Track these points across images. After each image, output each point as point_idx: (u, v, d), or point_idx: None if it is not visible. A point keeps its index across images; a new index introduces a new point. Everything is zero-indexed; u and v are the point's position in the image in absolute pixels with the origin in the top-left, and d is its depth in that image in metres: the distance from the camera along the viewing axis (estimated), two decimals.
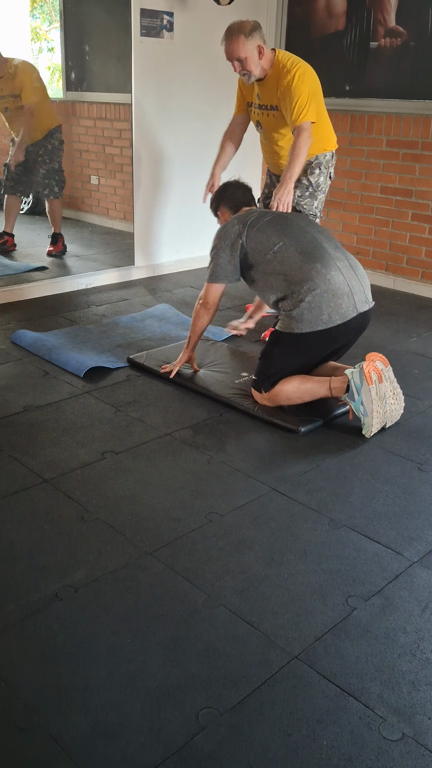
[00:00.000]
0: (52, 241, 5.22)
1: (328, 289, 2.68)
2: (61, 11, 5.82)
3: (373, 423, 2.63)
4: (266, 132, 3.60)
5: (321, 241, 2.85)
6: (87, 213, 6.38)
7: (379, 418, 2.65)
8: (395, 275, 4.81)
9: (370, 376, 2.60)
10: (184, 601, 1.83)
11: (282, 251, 2.79)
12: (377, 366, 2.66)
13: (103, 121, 5.99)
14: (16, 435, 2.66)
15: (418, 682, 1.61)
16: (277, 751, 1.43)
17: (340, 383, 2.71)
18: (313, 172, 3.62)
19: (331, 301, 2.68)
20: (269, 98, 3.46)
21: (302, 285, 2.70)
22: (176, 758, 1.41)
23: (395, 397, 2.72)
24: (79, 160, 6.27)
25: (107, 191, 6.19)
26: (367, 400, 2.61)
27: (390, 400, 2.69)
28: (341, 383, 2.71)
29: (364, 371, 2.60)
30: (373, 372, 2.62)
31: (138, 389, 3.08)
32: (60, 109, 5.79)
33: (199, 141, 4.93)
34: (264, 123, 3.58)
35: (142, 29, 4.39)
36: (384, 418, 2.68)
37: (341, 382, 2.71)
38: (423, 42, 4.33)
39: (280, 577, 1.93)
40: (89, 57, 5.45)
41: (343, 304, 2.70)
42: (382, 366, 2.68)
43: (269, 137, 3.61)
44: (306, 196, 3.65)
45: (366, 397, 2.61)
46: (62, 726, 1.47)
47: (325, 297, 2.68)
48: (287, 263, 2.77)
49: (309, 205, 3.69)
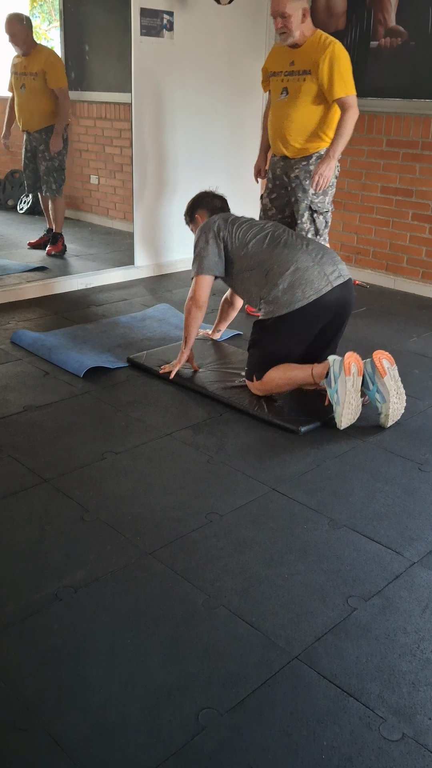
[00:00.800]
0: (52, 241, 5.20)
1: (297, 268, 2.80)
2: (61, 10, 5.82)
3: (343, 413, 2.68)
4: (290, 100, 3.59)
5: (290, 233, 2.99)
6: (87, 213, 6.38)
7: (350, 409, 2.69)
8: (395, 275, 4.81)
9: (349, 367, 2.65)
10: (184, 601, 1.83)
11: (254, 246, 2.93)
12: (383, 364, 2.70)
13: (103, 120, 5.99)
14: (15, 435, 2.66)
15: (419, 682, 1.61)
16: (277, 751, 1.43)
17: (321, 369, 2.76)
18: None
19: (303, 279, 2.78)
20: (304, 63, 3.50)
21: (273, 270, 2.83)
22: (176, 758, 1.41)
23: (398, 397, 2.74)
24: (79, 160, 6.27)
25: (107, 191, 6.19)
26: (342, 390, 2.66)
27: (394, 399, 2.71)
28: (322, 369, 2.76)
29: (344, 362, 2.65)
30: (354, 364, 2.66)
31: (138, 389, 3.08)
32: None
33: (199, 140, 4.93)
34: (292, 89, 3.57)
35: (142, 29, 4.39)
36: (355, 412, 2.72)
37: (323, 368, 2.76)
38: (423, 42, 4.33)
39: (280, 577, 1.93)
40: (89, 56, 5.45)
41: (314, 279, 2.78)
42: (388, 364, 2.72)
43: (290, 106, 3.59)
44: (319, 194, 3.67)
45: (341, 387, 2.66)
46: (62, 726, 1.47)
47: (296, 276, 2.78)
48: (259, 254, 2.91)
49: (322, 203, 3.72)
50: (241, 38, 4.94)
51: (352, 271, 5.00)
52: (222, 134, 5.06)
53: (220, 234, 3.01)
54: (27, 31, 4.82)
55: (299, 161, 3.66)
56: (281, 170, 3.77)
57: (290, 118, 3.59)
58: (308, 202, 3.68)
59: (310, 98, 3.53)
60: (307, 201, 3.68)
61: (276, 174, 3.81)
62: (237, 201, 5.20)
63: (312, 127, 3.59)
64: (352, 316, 4.16)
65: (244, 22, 4.92)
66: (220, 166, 5.09)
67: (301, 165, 3.66)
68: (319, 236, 3.79)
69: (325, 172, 3.47)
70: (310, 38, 3.50)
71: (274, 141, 3.75)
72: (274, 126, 3.70)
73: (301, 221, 3.73)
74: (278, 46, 3.68)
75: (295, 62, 3.54)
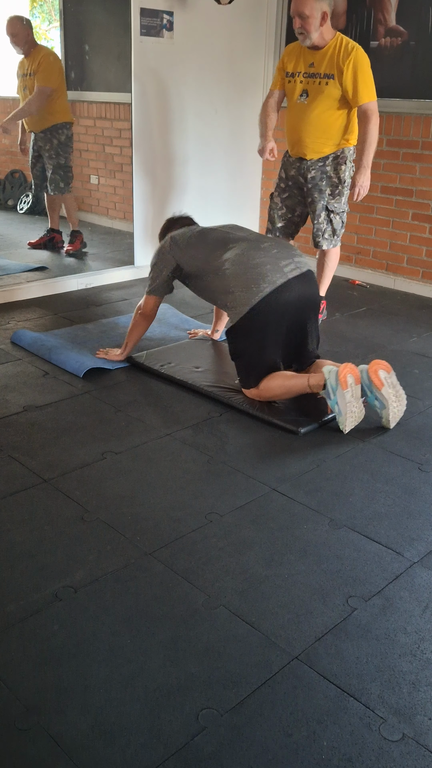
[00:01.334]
0: (70, 240, 5.22)
1: (247, 265, 2.83)
2: (61, 10, 5.81)
3: (346, 421, 2.68)
4: (310, 102, 3.59)
5: (236, 231, 3.06)
6: (87, 213, 6.37)
7: (353, 417, 2.69)
8: (395, 275, 4.81)
9: (345, 380, 2.64)
10: (184, 601, 1.82)
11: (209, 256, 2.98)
12: (380, 375, 2.69)
13: (103, 120, 5.99)
14: (15, 435, 2.66)
15: (419, 682, 1.60)
16: (277, 751, 1.43)
17: (317, 380, 2.76)
18: (339, 167, 3.68)
19: (257, 275, 2.79)
20: (326, 67, 3.51)
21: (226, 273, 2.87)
22: (176, 759, 1.41)
23: (398, 400, 2.75)
24: (79, 160, 6.27)
25: (107, 191, 6.19)
26: (342, 401, 2.66)
27: (393, 404, 2.72)
28: (318, 380, 2.76)
29: (339, 376, 2.65)
30: (350, 375, 2.65)
31: (138, 389, 3.08)
32: None
33: (199, 140, 4.93)
34: (312, 91, 3.57)
35: (142, 28, 4.39)
36: (359, 416, 2.72)
37: (318, 379, 2.76)
38: (423, 42, 4.33)
39: (280, 577, 1.93)
40: (89, 56, 5.45)
41: (267, 273, 2.79)
42: (385, 374, 2.71)
43: (310, 109, 3.59)
44: (336, 194, 3.72)
45: (341, 399, 2.66)
46: (62, 726, 1.47)
47: (250, 274, 2.80)
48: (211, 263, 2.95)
49: (338, 203, 3.75)
50: (241, 38, 4.94)
51: (352, 271, 5.00)
52: (222, 134, 5.06)
53: (171, 258, 3.09)
54: (27, 31, 4.84)
55: (316, 162, 3.68)
56: (296, 171, 3.78)
57: (310, 121, 3.60)
58: (324, 202, 3.72)
59: (330, 102, 3.54)
60: (324, 202, 3.72)
61: (290, 174, 3.83)
62: (237, 200, 5.22)
63: (331, 130, 3.61)
64: (353, 316, 4.18)
65: (244, 22, 4.91)
66: (220, 166, 5.10)
67: (317, 166, 3.68)
68: (336, 236, 3.85)
69: (364, 182, 3.58)
70: (331, 41, 3.49)
71: (291, 142, 3.76)
72: (293, 128, 3.70)
73: (317, 221, 3.77)
74: (295, 46, 3.66)
75: (315, 64, 3.54)
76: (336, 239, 3.85)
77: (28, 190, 6.43)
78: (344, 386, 2.64)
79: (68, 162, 5.10)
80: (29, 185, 6.48)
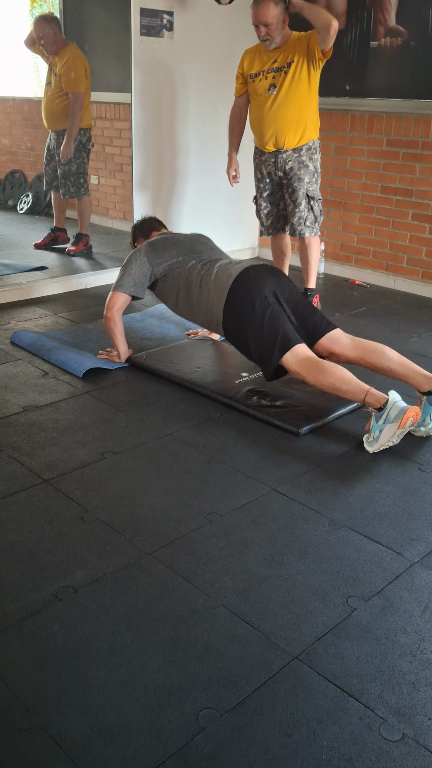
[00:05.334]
0: (75, 241, 5.22)
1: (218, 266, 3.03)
2: (61, 10, 5.81)
3: (377, 449, 2.59)
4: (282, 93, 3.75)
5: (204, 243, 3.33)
6: None
7: (385, 448, 2.60)
8: (395, 275, 4.81)
9: (407, 422, 2.52)
10: (184, 601, 1.82)
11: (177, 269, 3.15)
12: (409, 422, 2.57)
13: (103, 120, 5.98)
14: (15, 435, 2.66)
15: (419, 682, 1.60)
16: (277, 751, 1.43)
17: (375, 399, 2.61)
18: (313, 156, 3.88)
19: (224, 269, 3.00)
20: (285, 57, 3.71)
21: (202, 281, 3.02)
22: (176, 759, 1.41)
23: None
24: None
25: (107, 191, 6.18)
26: (387, 435, 2.55)
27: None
28: (377, 400, 2.60)
29: (405, 415, 2.51)
30: (411, 419, 2.54)
31: (138, 389, 3.08)
32: None
33: (198, 140, 4.93)
34: (280, 83, 3.75)
35: (142, 28, 4.39)
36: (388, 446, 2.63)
37: (378, 399, 2.60)
38: (423, 42, 4.33)
39: (280, 577, 1.93)
40: (89, 56, 5.43)
41: (231, 264, 3.04)
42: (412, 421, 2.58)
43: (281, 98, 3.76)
44: (313, 182, 3.90)
45: (387, 431, 2.55)
46: (62, 726, 1.47)
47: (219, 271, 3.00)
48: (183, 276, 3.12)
49: (315, 190, 3.92)
50: (241, 38, 4.92)
51: (352, 271, 5.02)
52: (222, 134, 5.03)
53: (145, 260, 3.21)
54: (54, 31, 4.88)
55: (292, 153, 3.84)
56: (272, 167, 3.93)
57: (283, 109, 3.76)
58: (304, 190, 3.88)
59: (301, 86, 3.73)
60: (303, 189, 3.88)
61: (265, 172, 3.98)
62: (237, 200, 5.21)
63: (305, 114, 3.79)
64: (353, 316, 4.18)
65: (244, 22, 4.88)
66: (220, 166, 5.07)
67: (293, 157, 3.85)
68: (317, 223, 3.99)
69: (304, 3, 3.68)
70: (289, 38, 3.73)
71: (262, 138, 3.89)
72: (265, 122, 3.84)
73: (299, 209, 3.91)
74: (250, 50, 3.88)
75: (278, 60, 3.73)
76: (317, 227, 3.99)
77: (28, 190, 6.43)
78: (401, 425, 2.52)
79: (80, 168, 5.07)
80: (29, 185, 6.48)
